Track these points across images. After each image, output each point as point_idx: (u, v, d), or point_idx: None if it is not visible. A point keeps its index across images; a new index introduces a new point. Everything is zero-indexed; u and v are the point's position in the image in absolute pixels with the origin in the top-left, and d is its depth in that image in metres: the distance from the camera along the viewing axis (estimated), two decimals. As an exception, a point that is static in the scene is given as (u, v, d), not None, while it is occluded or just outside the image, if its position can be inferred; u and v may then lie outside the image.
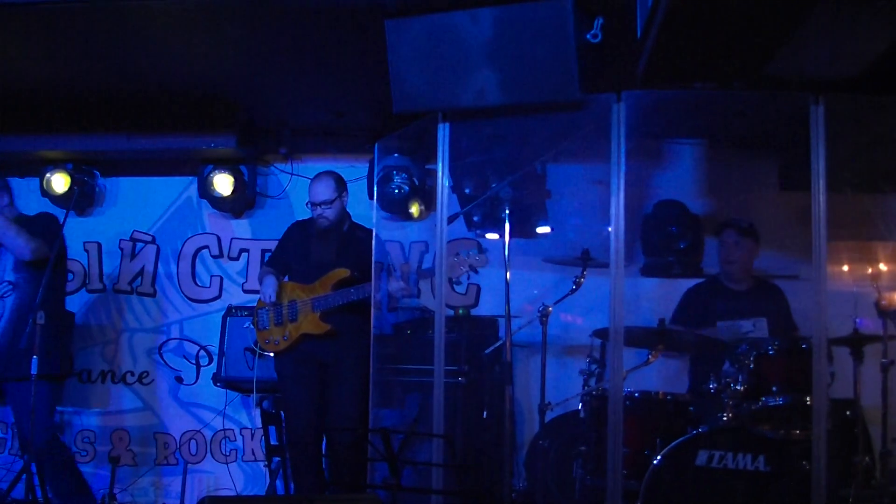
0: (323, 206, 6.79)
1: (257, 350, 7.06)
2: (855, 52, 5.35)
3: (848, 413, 5.87)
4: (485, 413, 7.23)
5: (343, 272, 6.72)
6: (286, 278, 6.93)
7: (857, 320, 5.85)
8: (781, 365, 5.89)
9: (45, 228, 6.57)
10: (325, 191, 6.81)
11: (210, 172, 8.16)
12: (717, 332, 6.72)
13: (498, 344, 7.06)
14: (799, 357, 5.82)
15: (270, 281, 6.84)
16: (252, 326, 7.01)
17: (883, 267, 6.11)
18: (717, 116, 6.91)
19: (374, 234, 6.79)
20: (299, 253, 6.97)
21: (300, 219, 7.35)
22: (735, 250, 7.06)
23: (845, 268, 6.24)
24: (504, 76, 5.43)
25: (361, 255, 6.77)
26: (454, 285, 8.04)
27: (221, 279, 8.58)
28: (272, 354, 6.93)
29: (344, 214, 6.94)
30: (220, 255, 8.60)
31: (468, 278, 8.08)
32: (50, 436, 6.47)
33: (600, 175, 5.79)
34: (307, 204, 6.86)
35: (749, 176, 7.95)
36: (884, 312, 5.77)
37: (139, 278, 8.56)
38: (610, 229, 5.49)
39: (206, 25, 6.14)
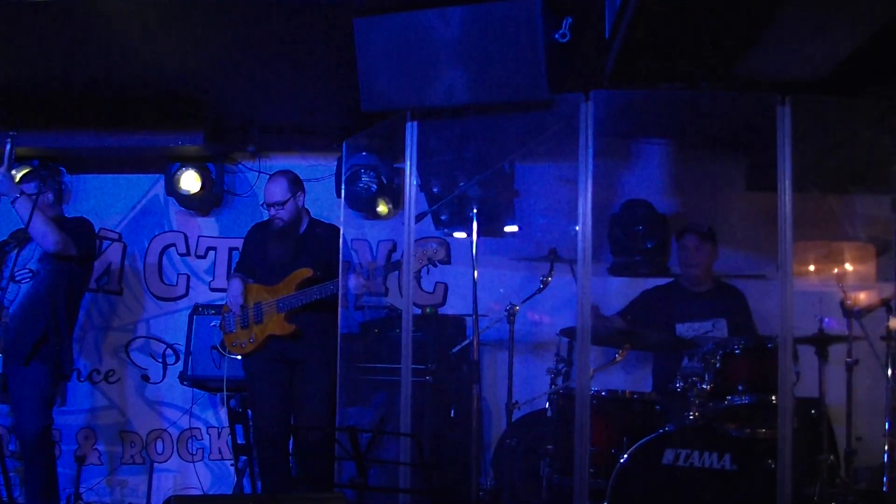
0: (276, 207, 6.76)
1: (224, 353, 7.03)
2: (822, 54, 5.38)
3: (813, 412, 5.90)
4: (452, 412, 7.23)
5: (306, 272, 6.69)
6: (251, 280, 6.91)
7: (823, 320, 5.89)
8: (747, 364, 5.90)
9: (76, 227, 6.79)
10: (277, 191, 6.78)
11: (177, 170, 8.12)
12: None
13: (465, 343, 7.07)
14: (765, 356, 5.83)
15: (235, 285, 6.81)
16: (219, 328, 6.98)
17: (848, 267, 6.15)
18: (684, 116, 6.91)
19: (341, 232, 6.78)
20: (259, 254, 6.94)
21: (261, 220, 7.33)
22: (696, 254, 7.09)
23: (811, 268, 6.27)
24: (473, 75, 5.42)
25: (323, 253, 6.76)
26: (421, 288, 8.05)
27: (188, 277, 8.53)
28: (239, 357, 6.91)
29: (300, 214, 6.90)
30: (188, 253, 8.56)
31: (427, 272, 8.09)
32: (43, 428, 6.50)
33: (568, 174, 5.79)
34: (262, 205, 6.84)
35: (716, 176, 7.99)
36: (849, 312, 5.80)
37: (106, 276, 8.49)
38: (577, 228, 5.49)
39: (174, 22, 6.09)
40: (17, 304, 6.58)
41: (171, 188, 8.20)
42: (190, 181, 8.11)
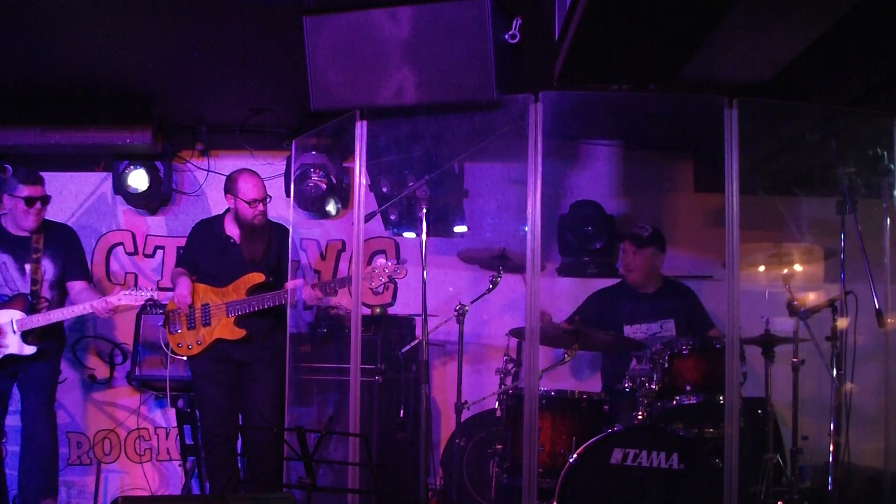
0: (264, 202, 6.71)
1: (169, 353, 6.96)
2: (767, 57, 5.42)
3: (759, 412, 5.94)
4: (401, 412, 7.21)
5: (258, 277, 6.65)
6: (195, 279, 6.83)
7: (769, 320, 5.92)
8: (695, 364, 5.93)
9: (82, 253, 7.15)
10: (263, 186, 6.75)
11: (125, 168, 8.04)
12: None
13: (414, 343, 7.05)
14: (712, 357, 5.87)
15: (184, 283, 6.73)
16: (163, 327, 6.90)
17: (795, 268, 6.18)
18: (632, 118, 6.95)
19: (290, 232, 6.75)
20: (210, 253, 6.85)
21: (204, 218, 7.27)
22: (633, 259, 7.11)
23: (758, 269, 6.31)
24: (422, 75, 5.39)
25: (272, 251, 6.74)
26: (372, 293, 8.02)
27: (136, 276, 8.45)
28: (185, 358, 6.84)
29: None
30: (135, 252, 8.48)
31: (385, 289, 8.06)
32: None
33: (517, 175, 5.81)
34: (247, 202, 6.68)
35: (664, 177, 8.04)
36: (795, 313, 5.84)
37: (52, 275, 8.39)
38: (526, 229, 5.48)
39: (121, 18, 6.02)
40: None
41: (119, 186, 8.11)
42: (138, 179, 8.02)
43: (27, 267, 6.77)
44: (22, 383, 6.79)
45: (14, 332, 6.62)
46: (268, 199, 6.73)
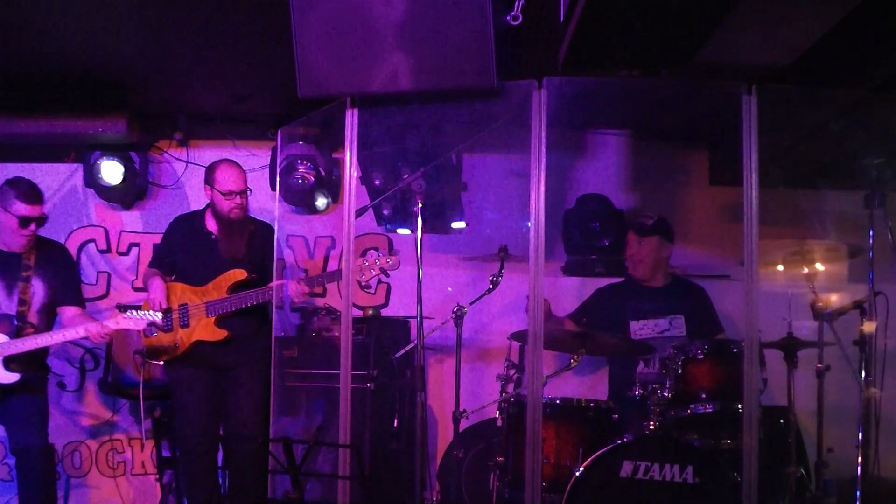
0: (241, 196, 6.71)
1: (144, 359, 6.97)
2: (787, 40, 5.41)
3: (781, 421, 5.93)
4: (395, 421, 7.21)
5: (240, 274, 6.66)
6: (172, 278, 6.84)
7: (792, 323, 5.92)
8: (711, 370, 5.94)
9: (77, 276, 7.09)
10: (242, 178, 6.76)
11: (97, 159, 8.04)
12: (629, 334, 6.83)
13: (409, 347, 7.06)
14: (729, 362, 5.87)
15: (157, 285, 6.73)
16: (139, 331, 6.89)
17: (819, 267, 6.17)
18: (643, 106, 6.96)
19: (275, 229, 6.75)
20: (190, 250, 6.86)
21: (184, 213, 7.27)
22: (638, 249, 7.14)
23: (779, 268, 6.30)
24: (417, 60, 5.39)
25: (255, 250, 6.74)
26: (363, 288, 8.02)
27: (109, 276, 8.45)
28: (161, 363, 6.84)
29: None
30: (108, 250, 8.48)
31: (378, 282, 8.07)
32: None
33: (519, 167, 5.80)
34: (222, 194, 6.70)
35: (677, 169, 8.05)
36: (819, 315, 5.84)
37: (18, 274, 8.39)
38: (529, 225, 5.48)
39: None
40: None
41: (91, 179, 8.11)
42: (111, 171, 8.02)
43: (15, 287, 6.54)
44: (6, 418, 6.56)
45: None
46: (248, 193, 6.74)
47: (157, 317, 6.45)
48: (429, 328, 6.69)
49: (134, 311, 6.50)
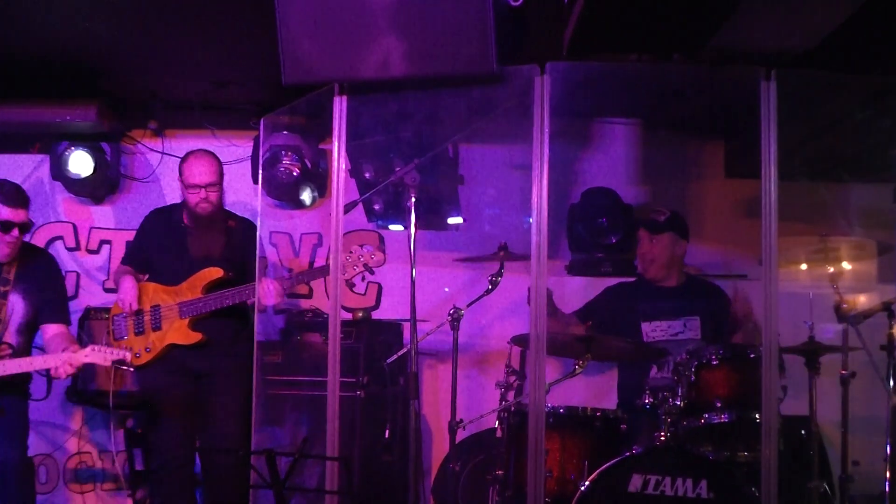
0: (208, 189, 6.72)
1: (113, 364, 6.97)
2: (810, 23, 5.42)
3: (802, 432, 5.96)
4: (387, 432, 7.22)
5: (216, 272, 6.66)
6: (146, 278, 6.85)
7: (814, 326, 5.94)
8: (726, 376, 5.95)
9: (63, 290, 6.76)
10: (210, 170, 6.73)
11: (65, 150, 8.04)
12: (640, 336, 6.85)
13: (402, 352, 7.04)
14: (747, 368, 5.88)
15: (128, 283, 6.73)
16: (107, 333, 6.90)
17: (844, 265, 6.19)
18: (654, 93, 6.98)
19: (257, 225, 6.77)
20: (165, 247, 6.87)
21: (161, 206, 7.28)
22: (650, 247, 7.14)
23: (801, 266, 6.32)
24: (411, 44, 5.41)
25: (235, 248, 6.75)
26: (349, 288, 8.03)
27: (78, 275, 8.46)
28: (132, 369, 6.84)
29: (222, 200, 6.89)
30: (77, 248, 8.49)
31: (363, 279, 8.07)
32: None
33: (521, 159, 5.83)
34: (185, 187, 6.74)
35: (690, 161, 8.07)
36: (844, 317, 5.84)
37: (-21, 274, 8.40)
38: (531, 221, 5.51)
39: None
40: None
41: (59, 171, 8.12)
42: (80, 163, 8.03)
43: None
44: None
45: None
46: (216, 186, 6.74)
47: (126, 355, 6.32)
48: (423, 332, 6.71)
49: (103, 347, 6.37)
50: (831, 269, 6.08)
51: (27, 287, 6.45)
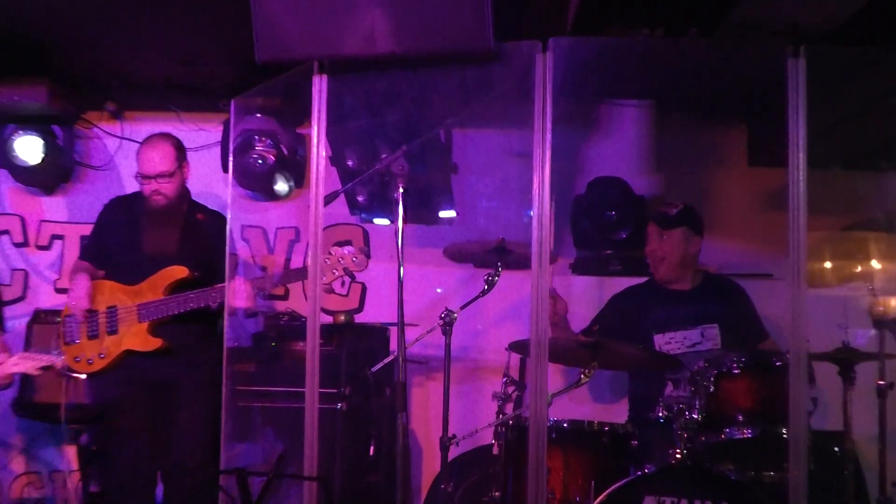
0: (160, 180, 6.71)
1: (65, 371, 6.97)
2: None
3: (835, 449, 5.95)
4: (371, 449, 7.24)
5: (180, 271, 6.65)
6: (102, 275, 6.84)
7: (847, 331, 5.93)
8: (749, 387, 5.94)
9: None
10: (161, 159, 6.73)
11: (11, 134, 8.04)
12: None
13: (388, 359, 7.05)
14: (772, 377, 5.86)
15: (82, 282, 6.71)
16: (57, 337, 6.88)
17: (878, 264, 6.19)
18: (668, 72, 6.98)
19: (227, 218, 6.76)
20: (123, 241, 6.88)
21: (125, 194, 7.28)
22: (661, 244, 7.14)
23: (830, 264, 6.33)
24: (399, 18, 5.41)
25: (203, 244, 6.73)
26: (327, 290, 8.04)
27: (26, 274, 8.47)
28: (83, 377, 6.84)
29: (184, 191, 6.89)
30: (25, 243, 8.50)
31: (343, 284, 8.07)
32: None
33: (520, 146, 5.82)
34: (136, 176, 6.75)
35: (709, 148, 8.08)
36: (880, 321, 5.85)
37: (-84, 273, 8.42)
38: (532, 214, 5.51)
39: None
40: None
41: (4, 158, 8.12)
42: (29, 148, 8.03)
43: None
44: None
45: None
46: (169, 177, 6.73)
47: (59, 361, 6.36)
48: (412, 337, 6.72)
49: (32, 353, 6.43)
50: (864, 268, 6.08)
51: None
